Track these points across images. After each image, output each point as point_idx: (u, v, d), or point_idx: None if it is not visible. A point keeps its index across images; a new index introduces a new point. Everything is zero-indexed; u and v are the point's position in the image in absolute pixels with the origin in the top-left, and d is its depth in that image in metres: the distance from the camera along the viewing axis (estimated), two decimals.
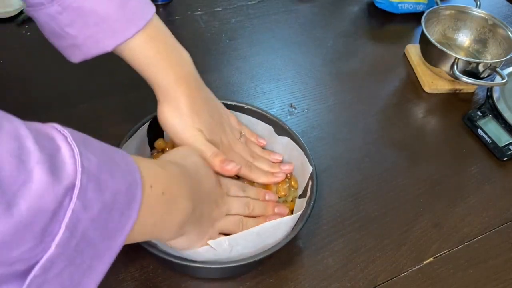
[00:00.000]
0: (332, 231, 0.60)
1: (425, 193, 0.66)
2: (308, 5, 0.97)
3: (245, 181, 0.58)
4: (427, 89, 0.81)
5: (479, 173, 0.70)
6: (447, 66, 0.77)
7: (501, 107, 0.74)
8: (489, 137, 0.73)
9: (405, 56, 0.88)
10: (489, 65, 0.76)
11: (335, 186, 0.65)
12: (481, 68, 0.77)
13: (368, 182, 0.66)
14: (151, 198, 0.39)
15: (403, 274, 0.57)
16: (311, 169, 0.57)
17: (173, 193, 0.43)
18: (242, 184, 0.57)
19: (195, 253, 0.48)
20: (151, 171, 0.40)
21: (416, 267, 0.58)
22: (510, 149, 0.71)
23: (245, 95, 0.76)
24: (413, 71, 0.85)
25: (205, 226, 0.49)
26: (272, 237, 0.51)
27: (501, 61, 0.77)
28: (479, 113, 0.76)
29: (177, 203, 0.44)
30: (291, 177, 0.60)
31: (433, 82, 0.81)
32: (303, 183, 0.58)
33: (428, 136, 0.75)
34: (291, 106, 0.76)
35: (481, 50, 0.86)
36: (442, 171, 0.69)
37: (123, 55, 0.53)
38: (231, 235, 0.51)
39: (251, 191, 0.56)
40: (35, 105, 0.69)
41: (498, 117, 0.74)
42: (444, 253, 0.60)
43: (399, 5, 0.94)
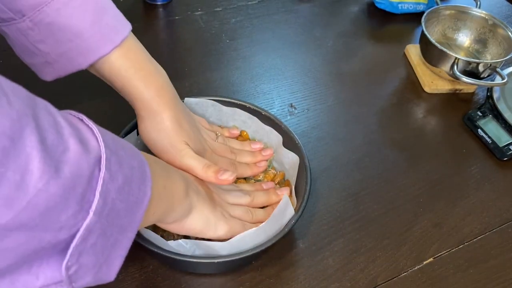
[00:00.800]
0: (332, 231, 0.60)
1: (425, 193, 0.66)
2: (308, 5, 0.97)
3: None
4: (427, 89, 0.81)
5: (479, 173, 0.70)
6: (447, 66, 0.77)
7: (501, 107, 0.74)
8: (489, 137, 0.73)
9: (405, 56, 0.88)
10: (489, 65, 0.76)
11: (335, 186, 0.65)
12: (481, 68, 0.77)
13: (368, 182, 0.66)
14: (151, 165, 0.40)
15: (403, 274, 0.57)
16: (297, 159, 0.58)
17: (161, 162, 0.46)
18: (234, 186, 0.58)
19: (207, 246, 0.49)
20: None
21: (416, 267, 0.58)
22: (510, 149, 0.71)
23: (245, 95, 0.76)
24: (413, 71, 0.85)
25: (212, 203, 0.50)
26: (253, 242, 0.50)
27: (501, 61, 0.77)
28: (479, 113, 0.76)
29: (170, 168, 0.47)
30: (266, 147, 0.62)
31: (433, 82, 0.81)
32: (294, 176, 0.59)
33: (428, 136, 0.75)
34: (291, 106, 0.76)
35: (481, 50, 0.86)
36: (442, 171, 0.69)
37: (99, 71, 0.51)
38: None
39: (245, 186, 0.57)
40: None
41: (498, 117, 0.74)
42: (444, 253, 0.60)
43: (399, 5, 0.94)
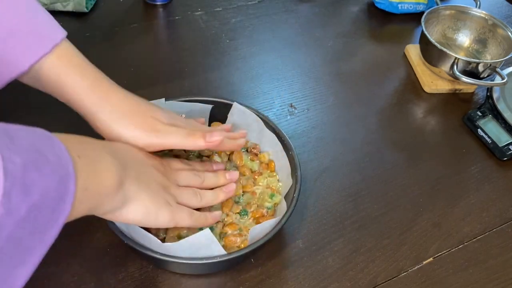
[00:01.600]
0: (332, 231, 0.60)
1: (425, 193, 0.66)
2: (308, 5, 0.97)
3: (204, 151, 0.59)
4: (427, 89, 0.81)
5: (479, 173, 0.70)
6: (447, 66, 0.78)
7: (501, 107, 0.74)
8: (489, 137, 0.73)
9: (405, 56, 0.88)
10: (489, 65, 0.76)
11: (335, 186, 0.65)
12: (481, 68, 0.77)
13: (368, 182, 0.66)
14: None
15: (403, 274, 0.57)
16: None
17: (90, 154, 0.40)
18: (183, 159, 0.54)
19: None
20: (60, 137, 0.37)
21: (416, 267, 0.58)
22: (510, 149, 0.71)
23: (245, 95, 0.76)
24: (413, 71, 0.85)
25: (155, 190, 0.46)
26: (207, 248, 0.48)
27: (501, 61, 0.77)
28: (479, 113, 0.76)
29: (98, 161, 0.41)
30: (255, 146, 0.62)
31: (433, 82, 0.81)
32: (288, 184, 0.58)
33: (428, 136, 0.75)
34: (291, 106, 0.76)
35: (481, 50, 0.86)
36: (442, 171, 0.69)
37: (37, 77, 0.48)
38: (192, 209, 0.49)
39: (197, 165, 0.55)
40: (33, 105, 0.69)
41: (498, 117, 0.74)
42: (444, 253, 0.60)
43: (399, 5, 0.94)
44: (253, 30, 0.89)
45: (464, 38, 0.88)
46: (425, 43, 0.81)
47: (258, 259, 0.56)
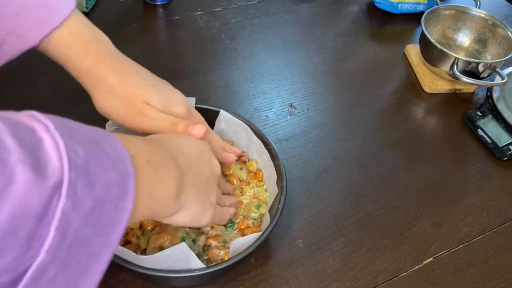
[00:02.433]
0: (332, 231, 0.60)
1: (425, 193, 0.66)
2: (308, 5, 0.97)
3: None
4: (427, 89, 0.81)
5: (479, 173, 0.70)
6: (447, 66, 0.78)
7: (501, 107, 0.74)
8: (489, 137, 0.73)
9: (405, 56, 0.88)
10: (489, 65, 0.76)
11: (335, 186, 0.65)
12: (481, 68, 0.77)
13: (368, 182, 0.66)
14: (139, 170, 0.36)
15: (403, 274, 0.57)
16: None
17: (157, 160, 0.40)
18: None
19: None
20: (131, 143, 0.38)
21: (416, 267, 0.58)
22: (510, 149, 0.71)
23: (245, 95, 0.76)
24: (413, 71, 0.85)
25: (206, 193, 0.47)
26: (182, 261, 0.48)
27: (501, 61, 0.77)
28: (479, 113, 0.76)
29: (164, 169, 0.41)
30: (243, 154, 0.61)
31: (433, 82, 0.81)
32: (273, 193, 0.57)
33: (428, 136, 0.75)
34: (291, 106, 0.76)
35: (481, 50, 0.86)
36: (442, 171, 0.69)
37: (46, 49, 0.49)
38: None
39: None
40: (38, 103, 0.69)
41: (498, 117, 0.74)
42: (444, 253, 0.60)
43: (399, 5, 0.94)
44: (253, 30, 0.89)
45: (464, 38, 0.88)
46: (425, 43, 0.81)
47: (258, 259, 0.56)
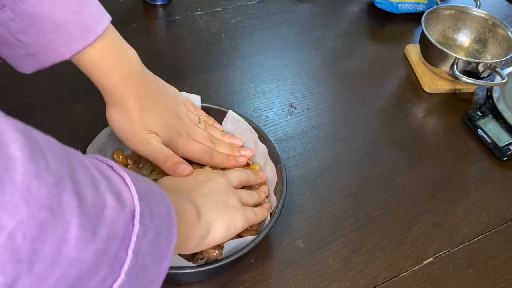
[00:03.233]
0: (332, 231, 0.60)
1: (425, 193, 0.66)
2: (308, 5, 0.97)
3: (208, 168, 0.59)
4: (427, 89, 0.81)
5: (479, 173, 0.70)
6: (447, 66, 0.77)
7: (501, 107, 0.74)
8: (489, 137, 0.73)
9: (405, 56, 0.88)
10: (489, 65, 0.76)
11: (335, 186, 0.65)
12: (481, 68, 0.77)
13: (368, 182, 0.66)
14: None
15: (403, 274, 0.57)
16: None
17: (172, 193, 0.42)
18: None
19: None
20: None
21: (416, 267, 0.58)
22: (510, 149, 0.71)
23: (245, 95, 0.76)
24: (413, 71, 0.85)
25: (223, 202, 0.49)
26: None
27: (501, 61, 0.77)
28: (479, 113, 0.76)
29: (180, 197, 0.45)
30: (251, 165, 0.61)
31: (433, 82, 0.81)
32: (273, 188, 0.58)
33: (428, 136, 0.75)
34: (291, 106, 0.76)
35: (481, 50, 0.86)
36: (442, 171, 0.69)
37: (77, 63, 0.51)
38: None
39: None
40: (38, 103, 0.69)
41: (498, 117, 0.74)
42: (444, 253, 0.60)
43: (399, 5, 0.94)
44: (253, 30, 0.89)
45: (464, 38, 0.88)
46: (425, 43, 0.81)
47: (258, 259, 0.56)
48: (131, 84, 0.53)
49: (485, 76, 0.78)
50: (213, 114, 0.63)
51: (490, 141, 0.73)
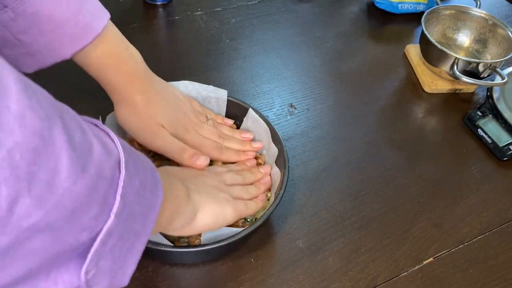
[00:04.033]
0: (332, 231, 0.60)
1: (425, 193, 0.66)
2: (308, 5, 0.97)
3: (218, 163, 0.59)
4: (427, 89, 0.81)
5: (479, 173, 0.70)
6: (447, 66, 0.77)
7: (501, 107, 0.74)
8: (489, 137, 0.73)
9: (405, 56, 0.88)
10: (489, 65, 0.76)
11: (335, 186, 0.65)
12: (481, 68, 0.77)
13: (368, 182, 0.66)
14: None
15: (403, 274, 0.57)
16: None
17: (162, 169, 0.44)
18: (222, 164, 0.60)
19: None
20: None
21: (416, 267, 0.58)
22: (510, 149, 0.71)
23: (245, 95, 0.76)
24: (413, 71, 0.85)
25: (214, 192, 0.50)
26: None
27: (501, 61, 0.77)
28: (479, 113, 0.76)
29: (170, 175, 0.46)
30: (259, 156, 0.62)
31: (433, 82, 0.81)
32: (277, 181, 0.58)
33: (428, 136, 0.75)
34: (291, 106, 0.76)
35: (481, 50, 0.86)
36: (442, 171, 0.69)
37: (78, 61, 0.52)
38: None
39: (233, 166, 0.59)
40: None
41: (498, 117, 0.74)
42: (444, 253, 0.60)
43: (399, 5, 0.94)
44: (253, 30, 0.89)
45: (464, 38, 0.88)
46: (425, 43, 0.81)
47: (258, 259, 0.56)
48: (137, 81, 0.54)
49: (485, 76, 0.78)
50: (236, 108, 0.65)
51: (490, 141, 0.73)
